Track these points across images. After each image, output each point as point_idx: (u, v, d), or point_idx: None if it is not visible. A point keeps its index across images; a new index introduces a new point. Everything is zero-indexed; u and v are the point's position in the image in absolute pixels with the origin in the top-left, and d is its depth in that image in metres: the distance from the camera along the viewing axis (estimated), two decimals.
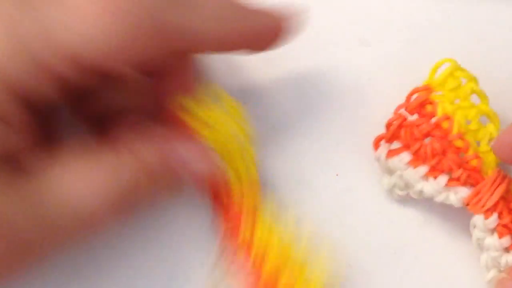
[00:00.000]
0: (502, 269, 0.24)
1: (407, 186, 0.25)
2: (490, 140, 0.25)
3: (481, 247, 0.25)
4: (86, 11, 0.18)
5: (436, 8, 0.28)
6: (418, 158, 0.25)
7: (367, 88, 0.28)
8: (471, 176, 0.24)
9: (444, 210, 0.26)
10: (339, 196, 0.27)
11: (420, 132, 0.24)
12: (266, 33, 0.23)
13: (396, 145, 0.25)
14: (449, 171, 0.24)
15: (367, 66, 0.27)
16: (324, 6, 0.28)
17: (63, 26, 0.18)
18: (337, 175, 0.27)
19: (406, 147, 0.25)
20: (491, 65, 0.27)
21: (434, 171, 0.24)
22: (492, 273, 0.24)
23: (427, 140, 0.25)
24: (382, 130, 0.26)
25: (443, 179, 0.24)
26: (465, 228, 0.25)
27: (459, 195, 0.24)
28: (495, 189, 0.24)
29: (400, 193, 0.26)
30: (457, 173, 0.24)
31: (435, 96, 0.25)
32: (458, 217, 0.26)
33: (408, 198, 0.27)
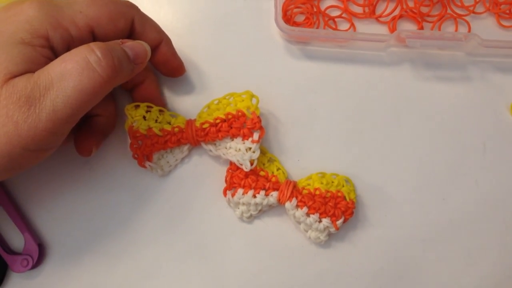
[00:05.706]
0: (312, 228, 0.44)
1: (248, 208, 0.45)
2: (277, 168, 0.46)
3: (297, 221, 0.44)
4: None
5: None
6: (246, 188, 0.45)
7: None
8: (275, 185, 0.44)
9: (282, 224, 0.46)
10: None
11: (241, 174, 0.45)
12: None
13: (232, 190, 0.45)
14: (263, 188, 0.45)
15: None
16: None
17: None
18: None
19: (239, 186, 0.45)
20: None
21: (257, 190, 0.44)
22: (309, 233, 0.44)
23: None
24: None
25: (262, 192, 0.44)
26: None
27: (273, 196, 0.44)
28: (288, 186, 0.44)
29: (246, 215, 0.45)
30: (268, 185, 0.44)
31: None
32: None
33: (252, 218, 0.46)
